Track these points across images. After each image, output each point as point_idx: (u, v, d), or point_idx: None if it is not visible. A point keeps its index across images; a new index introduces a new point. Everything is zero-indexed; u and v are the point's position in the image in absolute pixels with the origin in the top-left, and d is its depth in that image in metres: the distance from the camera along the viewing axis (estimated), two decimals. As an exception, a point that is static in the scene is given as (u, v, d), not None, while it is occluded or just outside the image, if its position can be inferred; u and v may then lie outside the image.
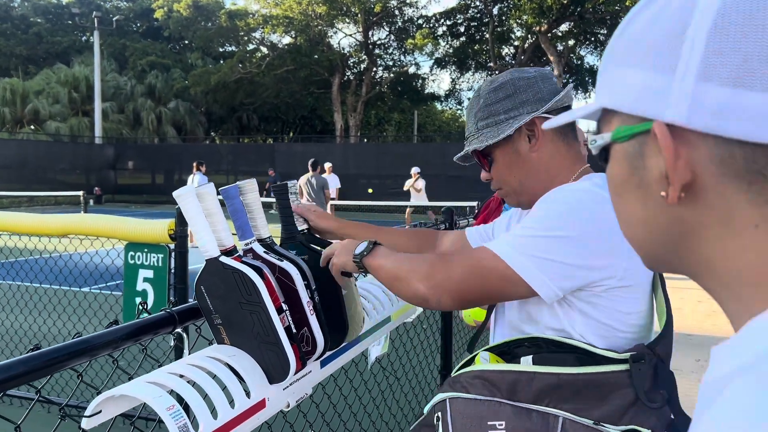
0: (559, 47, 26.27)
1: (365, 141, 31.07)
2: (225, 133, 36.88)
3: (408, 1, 27.94)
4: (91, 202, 21.11)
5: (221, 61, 33.96)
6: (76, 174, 26.19)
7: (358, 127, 29.47)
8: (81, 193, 10.72)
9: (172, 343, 1.30)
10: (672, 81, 0.45)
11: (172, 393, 1.10)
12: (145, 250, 3.46)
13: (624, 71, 0.50)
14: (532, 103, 1.22)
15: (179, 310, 1.25)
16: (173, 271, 3.40)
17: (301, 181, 10.68)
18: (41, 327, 4.33)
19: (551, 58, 25.20)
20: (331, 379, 1.76)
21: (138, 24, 38.39)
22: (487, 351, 1.22)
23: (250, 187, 1.35)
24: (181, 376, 1.14)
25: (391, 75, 30.32)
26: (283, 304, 1.25)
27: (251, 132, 37.37)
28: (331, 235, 1.56)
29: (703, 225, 0.47)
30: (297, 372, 1.25)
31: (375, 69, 29.53)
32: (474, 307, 1.54)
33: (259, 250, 1.32)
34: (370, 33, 28.58)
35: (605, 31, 26.52)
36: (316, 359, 1.36)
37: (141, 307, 1.25)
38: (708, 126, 0.44)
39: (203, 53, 34.87)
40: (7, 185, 22.66)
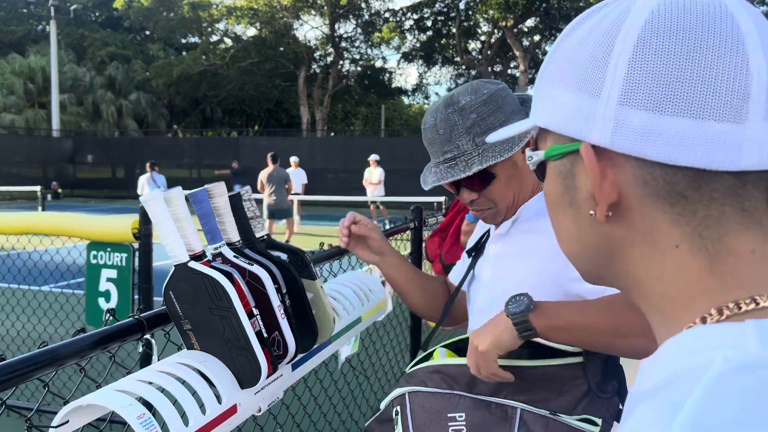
0: (525, 43, 26.56)
1: (332, 135, 30.91)
2: (188, 126, 36.25)
3: (374, -6, 27.91)
4: (49, 197, 20.54)
5: (184, 53, 33.34)
6: (32, 168, 25.43)
7: (324, 121, 29.33)
8: (38, 189, 10.43)
9: (140, 349, 1.28)
10: (597, 104, 0.46)
11: (141, 401, 1.09)
12: (108, 249, 3.39)
13: (556, 91, 0.50)
14: (517, 114, 1.23)
15: (148, 316, 1.23)
16: (137, 271, 3.35)
17: (262, 175, 10.57)
18: (-1, 328, 4.21)
19: (517, 53, 25.46)
20: (302, 380, 1.76)
21: (97, 13, 37.34)
22: (444, 347, 1.24)
23: (218, 191, 1.33)
24: (150, 383, 1.13)
25: (358, 68, 30.23)
26: (254, 308, 1.24)
27: (215, 125, 36.83)
28: (377, 259, 1.52)
29: (629, 243, 0.48)
30: (268, 376, 1.25)
31: (341, 62, 29.39)
32: None
33: (229, 254, 1.31)
34: (336, 26, 28.41)
35: (569, 27, 26.97)
36: (287, 363, 1.35)
37: (108, 315, 1.22)
38: (630, 148, 0.45)
39: (165, 44, 34.15)
40: (-40, 180, 21.89)
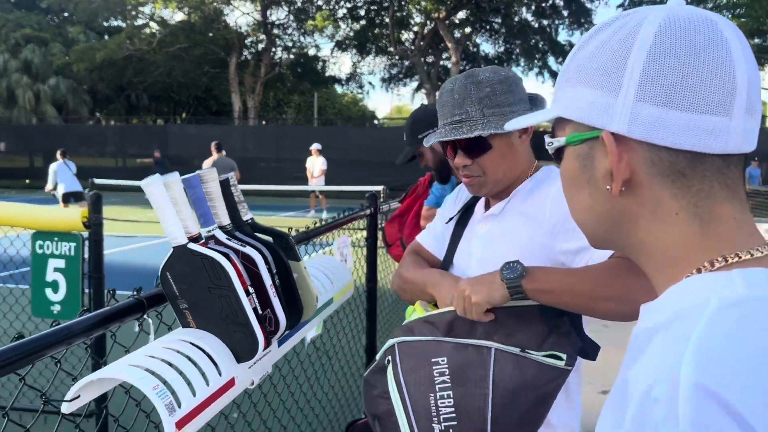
0: (457, 35, 27.02)
1: (264, 123, 30.46)
2: (112, 114, 34.78)
3: (307, -18, 27.62)
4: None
5: (106, 37, 31.89)
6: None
7: (257, 109, 28.85)
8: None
9: (136, 329, 1.33)
10: (616, 99, 0.58)
11: (151, 373, 1.14)
12: (55, 238, 3.32)
13: (577, 89, 0.62)
14: (524, 102, 1.36)
15: (147, 296, 1.29)
16: (87, 260, 3.29)
17: (206, 164, 10.39)
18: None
19: (449, 45, 25.87)
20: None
21: (10, -8, 35.12)
22: (431, 303, 1.40)
23: (210, 177, 1.39)
24: (155, 357, 1.19)
25: (291, 56, 29.87)
26: (250, 287, 1.32)
27: (140, 112, 35.51)
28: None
29: (638, 213, 0.61)
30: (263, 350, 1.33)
31: (274, 49, 28.96)
32: None
33: (222, 236, 1.37)
34: (268, 12, 27.95)
35: (499, 20, 27.58)
36: (277, 338, 1.44)
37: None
38: (643, 135, 0.57)
39: (86, 27, 32.54)
40: None
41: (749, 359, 0.47)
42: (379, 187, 11.81)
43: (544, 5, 26.36)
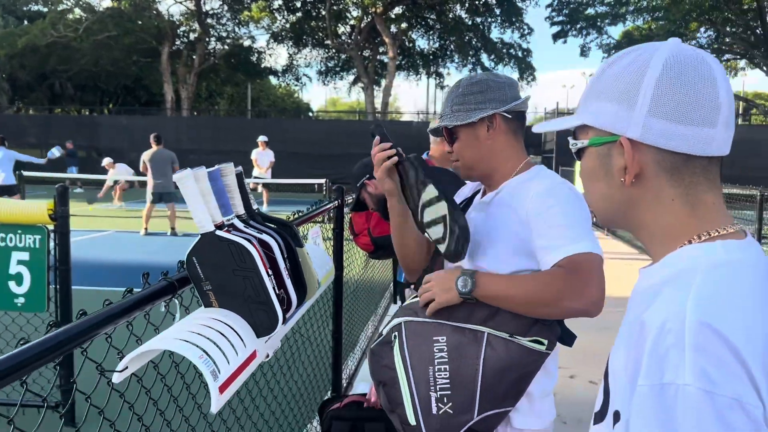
0: (393, 29, 27.27)
1: (195, 114, 29.76)
2: (33, 103, 33.07)
3: (241, -29, 27.16)
4: None
5: (26, 22, 30.28)
6: None
7: (190, 100, 28.17)
8: None
9: (162, 309, 1.46)
10: (632, 113, 0.78)
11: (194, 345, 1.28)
12: (19, 231, 3.31)
13: (601, 103, 0.82)
14: (497, 102, 1.54)
15: (178, 278, 1.42)
16: (52, 253, 3.30)
17: (145, 156, 10.18)
18: None
19: (386, 39, 26.08)
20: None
21: None
22: None
23: (229, 170, 1.54)
24: (193, 332, 1.33)
25: (226, 47, 29.30)
26: (269, 269, 1.47)
27: (64, 102, 33.95)
28: (388, 197, 1.68)
29: (643, 199, 0.81)
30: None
31: (208, 39, 28.33)
32: None
33: (240, 225, 1.52)
34: (202, 1, 27.30)
35: (434, 17, 28.04)
36: (288, 316, 1.60)
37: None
38: (652, 141, 0.78)
39: (5, 11, 30.77)
40: None
41: (736, 304, 0.68)
42: (322, 180, 11.90)
43: (477, 3, 27.00)
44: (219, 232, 1.41)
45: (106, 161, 14.86)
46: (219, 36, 29.42)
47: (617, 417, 0.74)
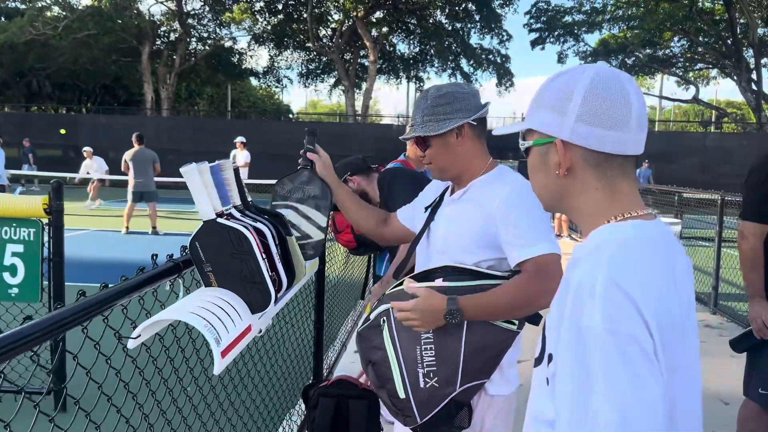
0: (374, 33, 27.50)
1: (177, 114, 29.66)
2: (9, 100, 32.65)
3: (223, -27, 27.19)
4: None
5: (2, 18, 29.94)
6: None
7: (170, 100, 28.09)
8: None
9: (167, 288, 1.64)
10: (565, 120, 0.99)
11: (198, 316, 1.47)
12: (14, 224, 3.45)
13: (542, 112, 1.03)
14: (463, 112, 1.72)
15: (182, 260, 1.61)
16: (46, 245, 3.44)
17: (127, 156, 10.25)
18: None
19: (367, 43, 26.30)
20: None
21: None
22: (411, 278, 1.77)
23: (227, 166, 1.73)
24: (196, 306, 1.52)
25: (207, 48, 29.26)
26: (263, 254, 1.67)
27: (42, 100, 33.60)
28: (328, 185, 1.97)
29: (573, 188, 1.03)
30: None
31: (189, 40, 28.29)
32: None
33: (237, 214, 1.71)
34: (183, 2, 27.27)
35: (415, 21, 28.35)
36: (279, 296, 1.79)
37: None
38: (579, 142, 0.99)
39: (-19, 7, 30.41)
40: None
41: (637, 267, 0.89)
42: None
43: (457, 9, 27.37)
44: (219, 219, 1.61)
45: (86, 149, 15.12)
46: (200, 36, 29.40)
47: (550, 358, 0.94)
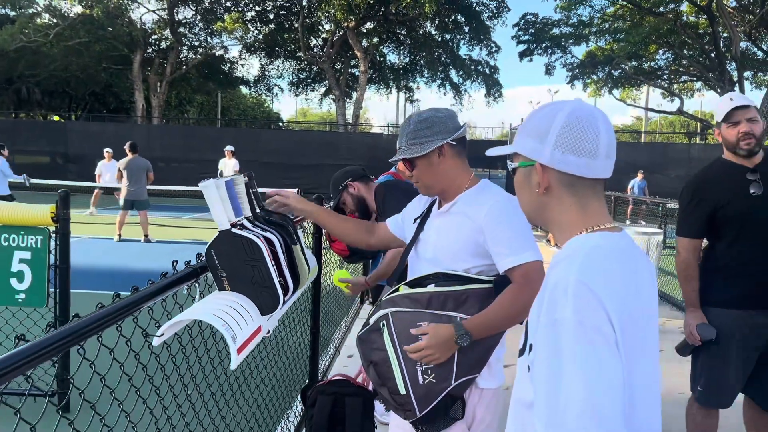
0: (365, 44, 27.77)
1: (168, 123, 29.71)
2: (-2, 107, 32.58)
3: (215, -18, 27.39)
4: None
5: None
6: None
7: (161, 108, 28.17)
8: None
9: (185, 291, 1.80)
10: (544, 147, 1.17)
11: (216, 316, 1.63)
12: (21, 232, 3.58)
13: (527, 139, 1.21)
14: (443, 133, 1.91)
15: (199, 266, 1.77)
16: (52, 252, 3.57)
17: (121, 164, 10.37)
18: None
19: (358, 53, 26.54)
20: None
21: None
22: (406, 284, 1.94)
23: (240, 181, 1.90)
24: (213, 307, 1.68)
25: (198, 56, 29.39)
26: (273, 260, 1.83)
27: (31, 107, 33.54)
28: (307, 216, 2.19)
29: (551, 204, 1.20)
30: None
31: (180, 48, 28.41)
32: None
33: (248, 224, 1.88)
34: (175, 11, 27.40)
35: (405, 32, 28.67)
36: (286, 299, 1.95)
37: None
38: (556, 166, 1.17)
39: (-30, 14, 30.35)
40: None
41: (603, 271, 1.06)
42: (293, 190, 12.15)
43: (446, 21, 27.70)
44: (234, 230, 1.77)
45: (107, 150, 14.88)
46: (191, 45, 29.53)
47: (531, 348, 1.12)
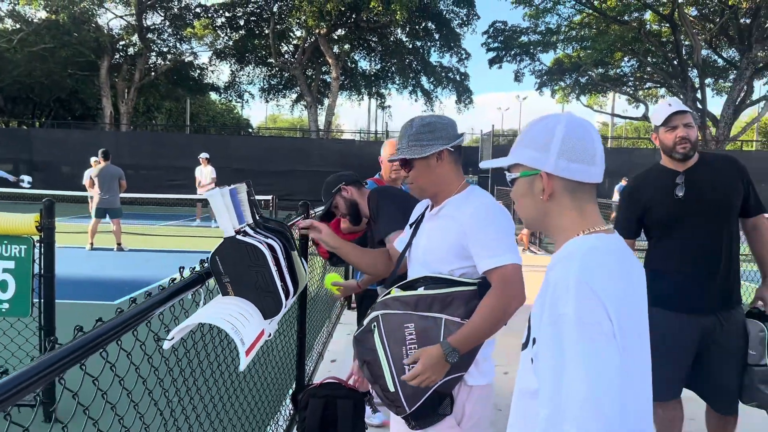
0: (336, 50, 27.83)
1: (136, 129, 29.30)
2: (-42, 113, 31.70)
3: (184, -12, 27.17)
4: None
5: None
6: None
7: (129, 114, 27.78)
8: None
9: (190, 297, 1.85)
10: (548, 156, 1.27)
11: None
12: (5, 242, 3.56)
13: (527, 149, 1.30)
14: (444, 139, 2.00)
15: (205, 271, 1.82)
16: (37, 261, 3.56)
17: (93, 172, 10.23)
18: None
19: (329, 60, 26.59)
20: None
21: None
22: (398, 287, 2.03)
23: (242, 189, 1.96)
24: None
25: (168, 62, 29.07)
26: (275, 266, 1.89)
27: (-7, 113, 32.73)
28: (337, 251, 2.25)
29: (554, 210, 1.29)
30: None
31: (149, 54, 28.07)
32: None
33: (250, 231, 1.94)
34: (143, 16, 27.09)
35: (376, 39, 28.83)
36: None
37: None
38: (559, 174, 1.26)
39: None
40: None
41: (601, 271, 1.15)
42: (268, 197, 12.15)
43: (417, 28, 27.97)
44: (238, 236, 1.83)
45: (93, 160, 12.77)
46: (160, 51, 29.21)
47: (534, 341, 1.21)
